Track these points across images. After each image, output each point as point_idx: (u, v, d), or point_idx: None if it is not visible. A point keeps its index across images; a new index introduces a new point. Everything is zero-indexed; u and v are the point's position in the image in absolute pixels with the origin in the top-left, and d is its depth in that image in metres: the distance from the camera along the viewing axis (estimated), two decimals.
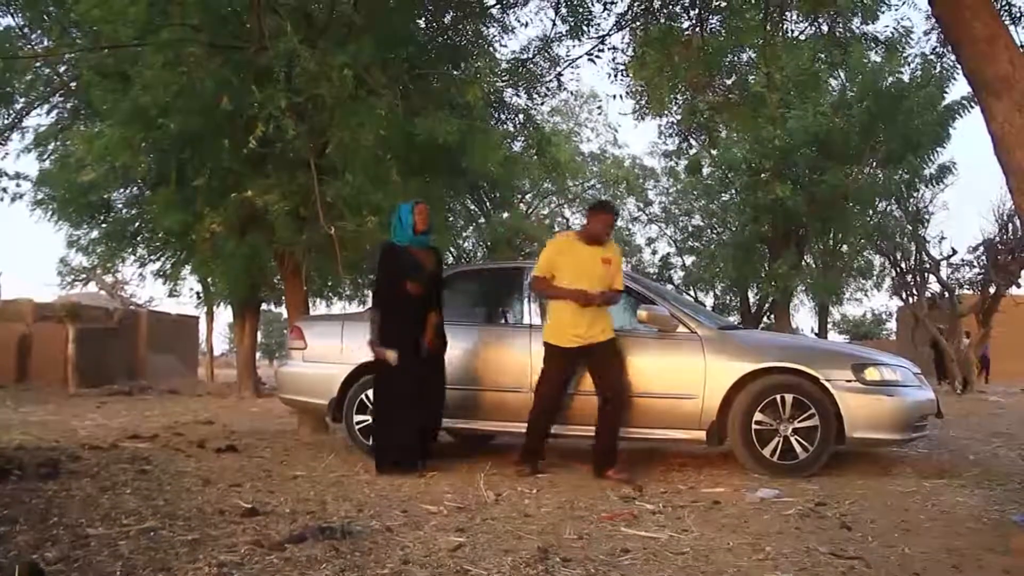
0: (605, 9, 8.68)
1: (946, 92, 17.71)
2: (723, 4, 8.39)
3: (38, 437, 8.46)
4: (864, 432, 6.18)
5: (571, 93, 20.37)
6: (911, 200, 20.02)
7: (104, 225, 13.66)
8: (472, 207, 22.62)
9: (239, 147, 7.94)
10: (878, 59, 17.25)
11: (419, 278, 6.38)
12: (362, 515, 4.76)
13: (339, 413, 7.42)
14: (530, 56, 9.57)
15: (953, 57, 6.57)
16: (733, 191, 22.11)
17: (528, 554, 3.82)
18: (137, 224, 13.29)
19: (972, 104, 15.99)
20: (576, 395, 6.66)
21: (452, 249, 22.88)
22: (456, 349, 7.20)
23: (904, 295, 20.85)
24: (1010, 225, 18.40)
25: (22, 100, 10.86)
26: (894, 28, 13.51)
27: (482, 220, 24.12)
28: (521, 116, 10.97)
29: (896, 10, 9.04)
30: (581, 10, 8.83)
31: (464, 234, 23.80)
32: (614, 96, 25.64)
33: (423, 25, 9.40)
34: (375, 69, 7.95)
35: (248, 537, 4.08)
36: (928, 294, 20.06)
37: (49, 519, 4.39)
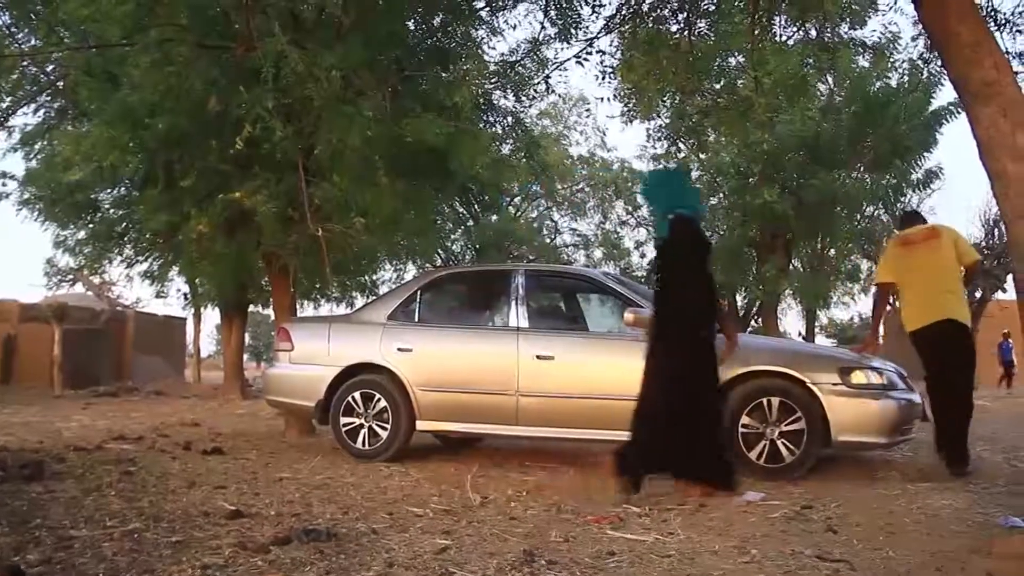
0: (594, 12, 8.70)
1: (933, 97, 17.81)
2: (711, 8, 8.41)
3: (22, 438, 8.41)
4: (850, 435, 6.20)
5: (560, 96, 20.44)
6: (898, 205, 20.09)
7: (91, 225, 13.60)
8: (460, 210, 22.61)
9: (226, 148, 7.92)
10: (866, 64, 17.34)
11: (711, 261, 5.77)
12: (348, 517, 4.76)
13: (326, 415, 7.41)
14: (519, 58, 9.58)
15: (940, 62, 6.61)
16: (721, 195, 22.13)
17: (514, 556, 3.82)
18: (124, 225, 13.22)
19: (959, 109, 16.06)
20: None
21: (440, 252, 22.88)
22: (445, 351, 7.24)
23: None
24: (996, 230, 18.55)
25: (8, 99, 10.81)
26: (882, 33, 13.56)
27: (470, 223, 24.11)
28: (510, 119, 10.96)
29: (884, 15, 9.09)
30: (570, 13, 8.84)
31: (452, 237, 23.78)
32: (602, 99, 25.76)
33: (412, 27, 9.38)
34: (363, 71, 7.94)
35: (232, 539, 4.07)
36: None
37: (32, 521, 4.37)
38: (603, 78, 9.16)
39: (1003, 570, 3.67)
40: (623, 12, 8.46)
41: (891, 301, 7.72)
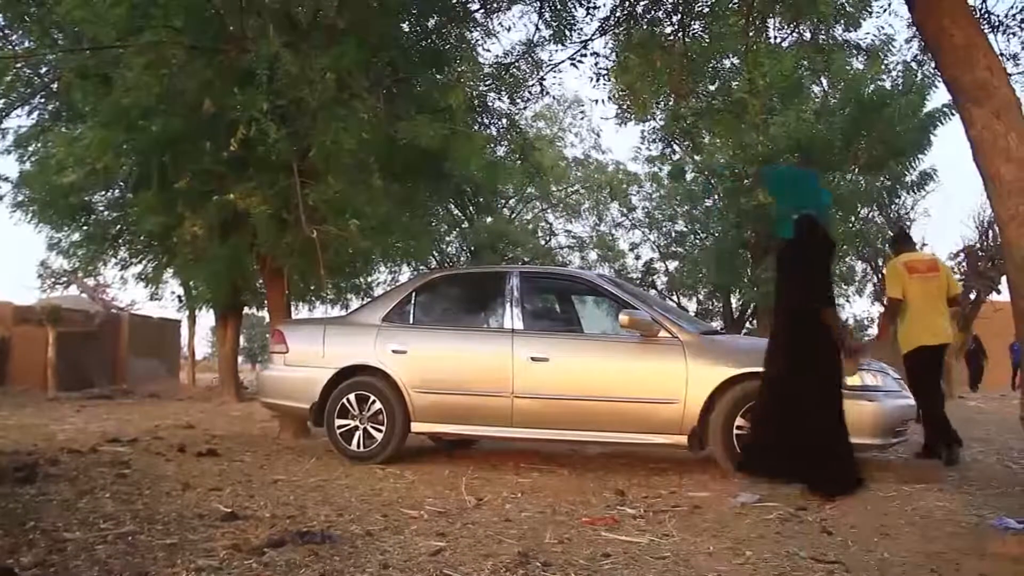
0: (588, 14, 8.70)
1: (927, 99, 17.83)
2: (705, 10, 8.42)
3: (16, 441, 8.38)
4: None
5: (554, 98, 20.35)
6: (893, 206, 20.10)
7: (85, 228, 13.58)
8: (455, 212, 22.60)
9: (221, 150, 7.91)
10: (860, 66, 17.35)
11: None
12: (342, 519, 4.75)
13: (320, 417, 7.39)
14: (513, 60, 9.57)
15: (934, 64, 6.63)
16: (716, 197, 22.14)
17: (508, 558, 3.82)
18: (118, 227, 13.22)
19: (953, 111, 16.09)
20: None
21: (435, 254, 22.87)
22: (440, 353, 7.24)
23: (885, 301, 20.89)
24: (990, 232, 18.52)
25: (2, 101, 10.77)
26: (876, 36, 13.57)
27: (465, 225, 24.10)
28: (504, 120, 10.95)
29: (878, 17, 9.16)
30: (564, 15, 8.84)
31: (447, 239, 23.77)
32: (597, 101, 25.78)
33: (406, 29, 9.38)
34: (358, 73, 7.93)
35: (227, 541, 4.06)
36: None
37: (26, 523, 4.35)
38: (598, 80, 9.17)
39: (997, 571, 3.69)
40: (617, 14, 8.47)
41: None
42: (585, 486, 6.07)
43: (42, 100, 10.99)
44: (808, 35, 8.65)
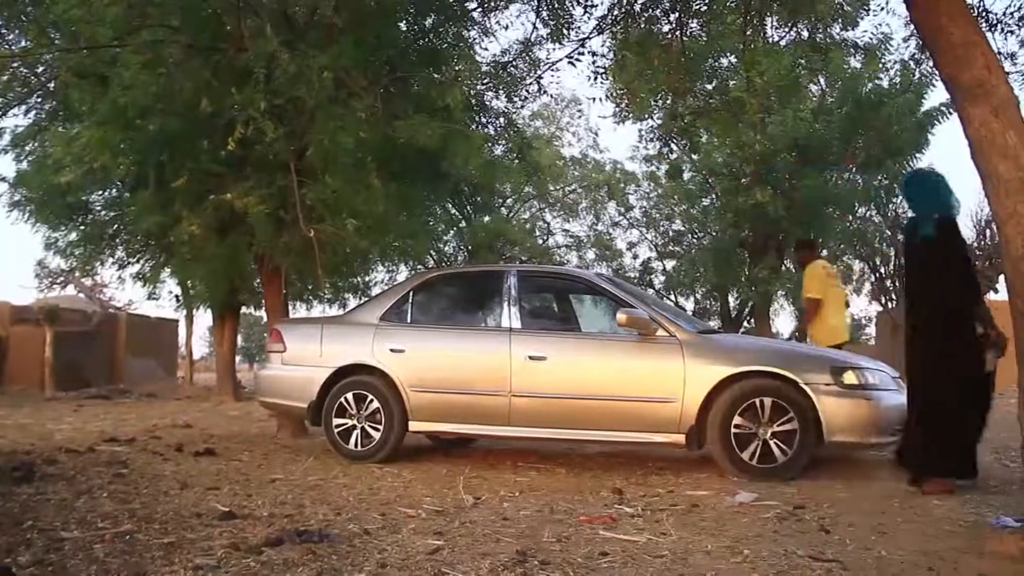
0: (586, 12, 8.68)
1: (925, 98, 17.82)
2: (703, 8, 8.41)
3: (13, 440, 8.38)
4: (843, 436, 6.21)
5: (552, 97, 20.31)
6: (890, 205, 20.11)
7: (82, 227, 13.52)
8: (453, 211, 22.57)
9: (218, 149, 7.90)
10: (857, 65, 17.36)
11: None
12: (340, 518, 4.75)
13: (318, 416, 7.38)
14: (511, 59, 9.56)
15: (931, 63, 6.62)
16: (713, 196, 22.13)
17: (506, 557, 3.82)
18: (116, 226, 13.17)
19: (950, 110, 16.09)
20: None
21: (432, 253, 22.85)
22: (437, 352, 7.23)
23: (883, 300, 20.93)
24: (987, 231, 18.55)
25: None
26: (873, 34, 13.59)
27: (463, 224, 24.09)
28: (502, 119, 10.94)
29: (875, 16, 9.18)
30: (562, 13, 8.82)
31: (445, 238, 23.75)
32: (594, 100, 25.78)
33: (404, 28, 9.37)
34: (355, 72, 7.93)
35: (225, 540, 4.06)
36: None
37: (23, 523, 4.35)
38: (595, 79, 9.14)
39: (995, 570, 3.69)
40: (615, 12, 8.45)
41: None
42: (583, 485, 6.07)
43: (39, 99, 10.96)
44: (806, 34, 8.64)
